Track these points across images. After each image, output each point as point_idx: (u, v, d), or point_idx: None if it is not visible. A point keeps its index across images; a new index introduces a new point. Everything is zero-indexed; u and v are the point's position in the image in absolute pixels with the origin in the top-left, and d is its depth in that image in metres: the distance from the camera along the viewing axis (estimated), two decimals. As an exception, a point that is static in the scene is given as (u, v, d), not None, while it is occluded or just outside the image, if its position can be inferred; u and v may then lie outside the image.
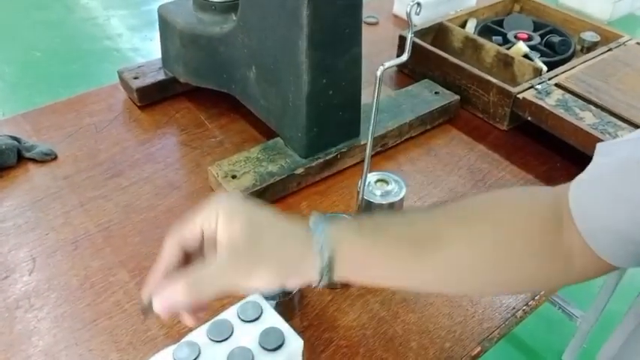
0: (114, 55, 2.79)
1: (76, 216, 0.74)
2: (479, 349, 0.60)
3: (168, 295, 0.41)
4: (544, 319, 1.51)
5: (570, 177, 0.82)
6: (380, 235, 0.44)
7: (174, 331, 0.60)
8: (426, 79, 0.97)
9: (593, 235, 0.43)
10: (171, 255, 0.42)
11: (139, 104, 0.94)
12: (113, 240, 0.71)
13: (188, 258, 0.44)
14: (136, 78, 0.94)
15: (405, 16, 0.55)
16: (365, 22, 1.20)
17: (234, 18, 0.83)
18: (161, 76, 0.95)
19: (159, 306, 0.41)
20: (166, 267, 0.43)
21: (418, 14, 0.55)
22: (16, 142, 0.83)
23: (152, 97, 0.95)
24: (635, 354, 0.46)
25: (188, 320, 0.45)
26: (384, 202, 0.68)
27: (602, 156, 0.46)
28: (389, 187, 0.69)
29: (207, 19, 0.86)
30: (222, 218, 0.40)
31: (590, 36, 1.04)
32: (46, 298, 0.64)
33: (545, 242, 0.45)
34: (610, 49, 0.98)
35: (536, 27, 1.09)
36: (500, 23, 1.10)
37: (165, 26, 0.90)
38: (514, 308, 0.64)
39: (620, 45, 1.00)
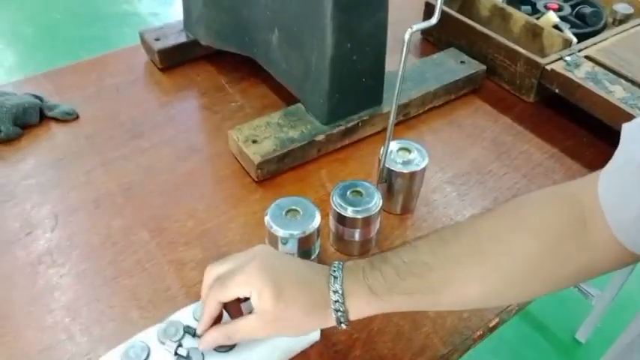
0: (133, 19, 2.77)
1: (98, 175, 0.75)
2: (497, 320, 0.60)
3: (212, 340, 0.50)
4: (559, 296, 1.50)
5: (597, 152, 0.81)
6: (393, 291, 0.46)
7: (193, 290, 0.61)
8: (451, 48, 0.95)
9: (623, 227, 0.42)
10: (212, 311, 0.49)
11: (160, 66, 0.93)
12: (134, 200, 0.71)
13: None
14: (157, 40, 0.93)
15: (436, -22, 0.53)
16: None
17: (258, -21, 0.81)
18: (182, 39, 0.94)
19: (203, 347, 0.50)
20: (211, 318, 0.50)
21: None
22: (38, 101, 0.83)
23: (173, 60, 0.94)
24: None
25: None
26: (405, 171, 0.67)
27: (630, 141, 0.44)
28: (411, 156, 0.68)
29: (231, -21, 0.84)
30: (254, 294, 0.47)
31: (623, 7, 1.00)
32: (68, 254, 0.65)
33: (561, 256, 0.45)
34: (644, 22, 0.95)
35: (568, -3, 1.05)
36: (530, -8, 1.07)
37: (188, -13, 0.89)
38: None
39: (655, 17, 0.96)
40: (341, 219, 0.63)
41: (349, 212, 0.62)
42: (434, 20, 0.56)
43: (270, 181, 0.75)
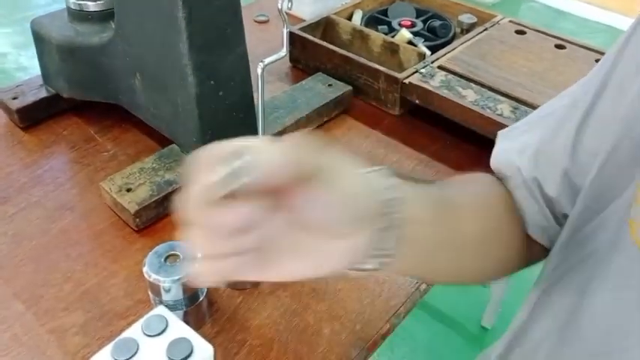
0: (-1, 76, 2.60)
1: (-41, 252, 0.69)
2: (388, 326, 0.62)
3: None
4: (461, 289, 1.59)
5: (461, 153, 0.87)
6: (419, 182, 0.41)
7: (78, 357, 0.57)
8: (319, 73, 0.99)
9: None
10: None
11: (21, 125, 0.88)
12: (3, 272, 0.67)
13: None
14: (14, 98, 0.88)
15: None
16: (255, 21, 1.21)
17: (113, 26, 0.80)
18: (43, 94, 0.90)
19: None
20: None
21: (290, 9, 0.55)
22: None
23: (35, 117, 0.89)
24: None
25: None
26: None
27: (502, 142, 0.52)
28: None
29: (85, 29, 0.83)
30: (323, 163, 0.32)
31: (467, 18, 1.10)
32: None
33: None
34: (486, 29, 1.05)
35: (419, 13, 1.13)
36: (385, 12, 1.14)
37: (41, 41, 0.86)
38: (417, 282, 0.67)
39: (494, 24, 1.07)
40: (225, 255, 0.63)
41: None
42: (283, 52, 0.59)
43: (152, 227, 0.73)
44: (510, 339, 0.53)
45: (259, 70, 0.58)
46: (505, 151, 0.53)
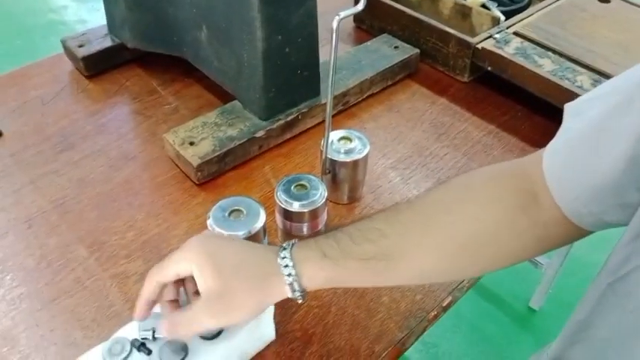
0: (60, 28, 2.65)
1: (27, 194, 0.70)
2: (450, 299, 0.60)
3: (168, 333, 0.46)
4: (510, 269, 1.54)
5: (532, 126, 0.83)
6: (347, 256, 0.45)
7: (139, 304, 0.58)
8: (384, 34, 0.95)
9: (569, 205, 0.43)
10: (150, 292, 0.46)
11: (86, 74, 0.89)
12: (69, 216, 0.68)
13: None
14: (81, 46, 0.89)
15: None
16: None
17: (181, -24, 0.78)
18: (108, 43, 0.90)
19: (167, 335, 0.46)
20: (147, 300, 0.47)
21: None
22: (-46, 120, 0.77)
23: (100, 66, 0.90)
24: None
25: None
26: (347, 160, 0.67)
27: (572, 117, 0.45)
28: (352, 145, 0.68)
29: (153, -22, 0.81)
30: (195, 269, 0.44)
31: (545, -17, 1.03)
32: (1, 280, 0.61)
33: (515, 229, 0.45)
34: (566, -4, 0.98)
35: (493, -24, 1.07)
36: (456, -26, 1.08)
37: (108, -11, 0.85)
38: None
39: (575, -9, 0.99)
40: (287, 214, 0.62)
41: (295, 207, 0.61)
42: (360, 6, 0.56)
43: (212, 182, 0.73)
44: (571, 334, 0.49)
45: (335, 24, 0.56)
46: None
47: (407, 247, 0.45)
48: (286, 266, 0.44)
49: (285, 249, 0.45)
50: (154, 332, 0.48)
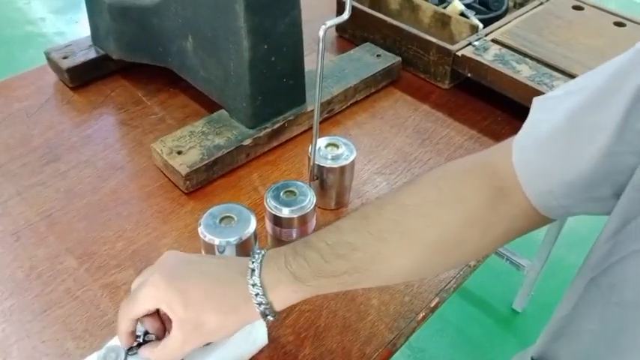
0: (38, 40, 2.63)
1: (14, 206, 0.70)
2: (437, 299, 0.62)
3: None
4: (493, 271, 1.58)
5: (513, 130, 0.84)
6: (319, 276, 0.45)
7: (131, 312, 0.58)
8: (367, 43, 0.97)
9: (539, 197, 0.44)
10: (126, 327, 0.47)
11: (70, 85, 0.89)
12: (57, 227, 0.68)
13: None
14: (65, 58, 0.89)
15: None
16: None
17: (166, -13, 0.79)
18: (92, 54, 0.90)
19: None
20: (126, 334, 0.48)
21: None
22: (-63, 134, 0.77)
23: (84, 77, 0.90)
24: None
25: None
26: (335, 166, 0.68)
27: (541, 111, 0.46)
28: (339, 151, 0.69)
29: (137, -10, 0.82)
30: (164, 307, 0.45)
31: (521, -8, 1.06)
32: (-10, 293, 0.61)
33: (484, 227, 0.46)
34: (541, 3, 1.01)
35: (470, -15, 1.10)
36: (435, -17, 1.11)
37: (92, 1, 0.85)
38: (468, 258, 0.66)
39: (550, -1, 1.03)
40: (277, 220, 0.62)
41: (284, 212, 0.62)
42: (346, 15, 0.57)
43: (201, 191, 0.73)
44: (554, 329, 0.50)
45: (321, 33, 0.57)
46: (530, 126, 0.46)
47: (378, 257, 0.46)
48: (257, 295, 0.45)
49: (253, 271, 0.45)
50: (145, 334, 0.49)
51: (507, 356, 0.70)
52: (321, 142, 0.70)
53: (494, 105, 0.89)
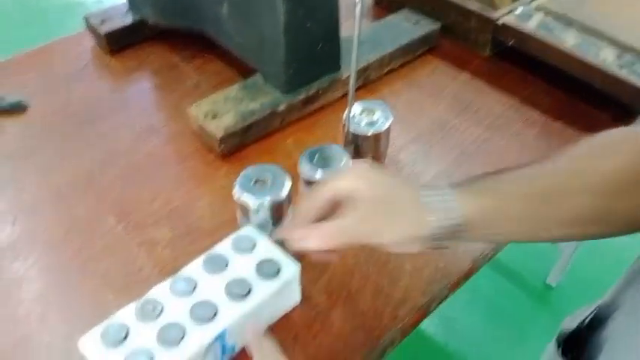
0: (78, 9, 2.67)
1: (55, 166, 0.72)
2: (472, 266, 0.61)
3: (303, 240, 0.45)
4: (527, 245, 1.55)
5: (553, 100, 0.83)
6: (507, 194, 0.43)
7: (168, 268, 0.59)
8: (404, 9, 0.94)
9: None
10: (308, 209, 0.46)
11: (108, 50, 0.90)
12: (96, 186, 0.69)
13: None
14: (103, 23, 0.90)
15: None
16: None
17: (203, -50, 0.79)
18: (129, 20, 0.90)
19: (292, 247, 0.46)
20: (303, 218, 0.46)
21: None
22: (-18, 95, 0.79)
23: (122, 42, 0.91)
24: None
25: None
26: (370, 133, 0.67)
27: None
28: (375, 117, 0.68)
29: (174, -47, 0.82)
30: (359, 182, 0.44)
31: (567, -42, 1.02)
32: (32, 247, 0.62)
33: None
34: (588, -30, 0.97)
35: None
36: (476, -50, 1.07)
37: (130, -35, 0.86)
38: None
39: (598, -35, 0.98)
40: (311, 184, 0.62)
41: (319, 176, 0.61)
42: (385, -26, 0.56)
43: (235, 155, 0.74)
44: (629, 276, 0.48)
45: (359, -5, 0.56)
46: None
47: (563, 187, 0.43)
48: (442, 190, 0.43)
49: (445, 188, 0.43)
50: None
51: (539, 330, 0.69)
52: (357, 107, 0.69)
53: (535, 74, 0.86)
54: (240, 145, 0.74)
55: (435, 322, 1.45)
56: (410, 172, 0.72)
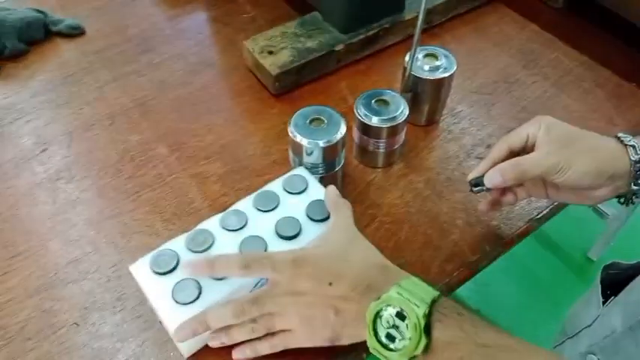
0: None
1: (110, 91, 0.72)
2: (527, 227, 0.59)
3: (496, 173, 0.50)
4: (572, 217, 1.51)
5: (627, 59, 0.77)
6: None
7: (217, 203, 0.59)
8: (475, -48, 0.89)
9: None
10: (500, 150, 0.52)
11: (165, -22, 0.88)
12: (150, 115, 0.69)
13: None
14: (162, -51, 0.87)
15: None
16: None
17: None
18: (188, -53, 0.88)
19: (488, 182, 0.51)
20: (494, 158, 0.52)
21: None
22: (42, 16, 0.79)
23: (180, -30, 0.88)
24: None
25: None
26: (432, 78, 0.64)
27: None
28: (438, 63, 0.65)
29: None
30: (543, 127, 0.50)
31: None
32: (87, 169, 0.63)
33: None
34: None
35: None
36: None
37: None
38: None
39: None
40: (366, 129, 0.61)
41: (374, 121, 0.59)
42: None
43: (289, 94, 0.72)
44: None
45: None
46: None
47: None
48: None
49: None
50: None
51: (574, 302, 0.68)
52: (419, 51, 0.66)
53: (609, 31, 0.80)
54: (295, 84, 0.72)
55: (469, 286, 1.44)
56: (468, 126, 0.69)
